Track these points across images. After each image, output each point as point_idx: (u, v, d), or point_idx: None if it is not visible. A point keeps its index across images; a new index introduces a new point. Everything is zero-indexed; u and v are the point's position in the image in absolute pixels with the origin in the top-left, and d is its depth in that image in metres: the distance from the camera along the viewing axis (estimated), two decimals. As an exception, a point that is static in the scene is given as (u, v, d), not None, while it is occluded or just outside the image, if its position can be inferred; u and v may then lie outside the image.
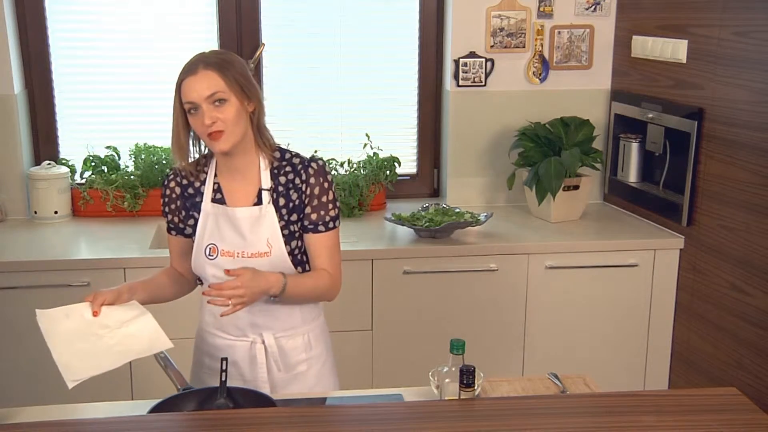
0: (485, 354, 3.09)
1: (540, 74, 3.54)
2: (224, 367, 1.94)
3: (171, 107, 3.73)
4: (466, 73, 3.49)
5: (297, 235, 2.09)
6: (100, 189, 3.37)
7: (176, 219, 2.16)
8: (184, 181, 2.13)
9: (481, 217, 3.19)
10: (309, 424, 1.76)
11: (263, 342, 2.12)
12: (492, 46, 3.49)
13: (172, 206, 2.15)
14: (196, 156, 2.13)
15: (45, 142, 3.49)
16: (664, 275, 3.20)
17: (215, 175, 2.11)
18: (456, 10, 3.45)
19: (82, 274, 2.92)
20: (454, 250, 3.07)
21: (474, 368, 1.82)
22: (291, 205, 2.07)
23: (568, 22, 3.51)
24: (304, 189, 2.06)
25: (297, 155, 2.10)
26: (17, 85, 3.32)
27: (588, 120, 3.43)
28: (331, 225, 2.09)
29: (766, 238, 2.74)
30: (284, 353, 2.14)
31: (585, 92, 3.58)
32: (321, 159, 2.10)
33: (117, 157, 3.48)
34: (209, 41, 3.50)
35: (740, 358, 2.89)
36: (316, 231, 2.08)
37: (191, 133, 2.07)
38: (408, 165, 3.72)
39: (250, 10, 3.49)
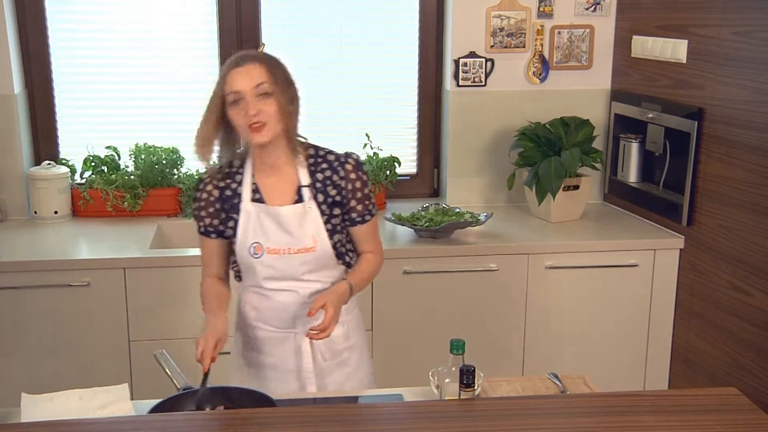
0: (485, 354, 3.09)
1: (540, 74, 3.54)
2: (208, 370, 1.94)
3: (171, 107, 3.75)
4: (466, 73, 3.49)
5: (339, 228, 2.15)
6: (100, 189, 3.37)
7: (216, 222, 2.15)
8: (221, 184, 2.14)
9: (481, 217, 3.19)
10: (309, 424, 1.76)
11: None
12: (492, 46, 3.49)
13: (210, 210, 2.14)
14: (216, 156, 2.13)
15: (45, 142, 3.49)
16: (664, 275, 3.20)
17: (252, 176, 2.13)
18: (456, 10, 3.45)
19: (82, 274, 2.92)
20: (454, 250, 3.07)
21: (474, 368, 1.82)
22: (330, 200, 2.12)
23: (568, 22, 3.51)
24: (344, 185, 2.12)
25: (330, 152, 2.16)
26: (17, 85, 3.32)
27: (588, 120, 3.43)
28: (373, 212, 2.19)
29: (766, 238, 2.74)
30: (328, 342, 2.17)
31: (585, 92, 3.58)
32: (355, 153, 2.17)
33: (117, 157, 3.48)
34: (209, 41, 3.50)
35: (740, 358, 2.89)
36: (363, 222, 2.17)
37: (221, 131, 2.07)
38: (408, 165, 3.72)
39: (250, 10, 3.49)
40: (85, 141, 3.47)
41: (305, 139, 2.16)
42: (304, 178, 2.11)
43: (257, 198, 2.12)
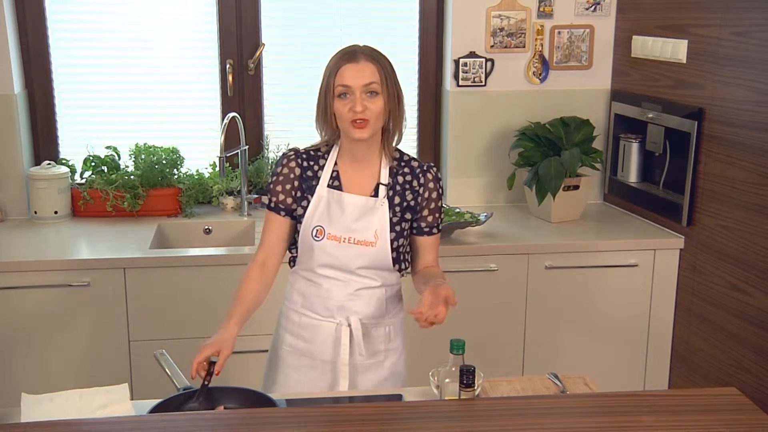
0: (485, 354, 3.09)
1: (540, 74, 3.54)
2: (210, 371, 1.93)
3: (171, 107, 3.75)
4: (466, 73, 3.49)
5: (405, 234, 2.17)
6: (100, 189, 3.37)
7: (289, 199, 2.17)
8: (305, 164, 2.17)
9: (481, 217, 3.19)
10: (309, 424, 1.76)
11: (349, 325, 2.17)
12: (492, 46, 3.49)
13: (288, 186, 2.16)
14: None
15: (45, 142, 3.49)
16: (664, 275, 3.20)
17: (335, 163, 2.16)
18: (456, 10, 3.45)
19: (82, 274, 2.92)
20: (454, 250, 3.07)
21: (474, 368, 1.82)
22: (405, 204, 2.16)
23: (568, 22, 3.51)
24: (421, 192, 2.17)
25: (413, 158, 2.22)
26: (17, 85, 3.32)
27: (588, 120, 3.43)
28: (440, 227, 2.23)
29: (766, 238, 2.74)
30: (368, 339, 2.19)
31: (585, 92, 3.58)
32: (435, 166, 2.23)
33: (117, 157, 3.48)
34: (209, 41, 3.50)
35: (740, 358, 2.89)
36: (430, 233, 2.20)
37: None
38: (408, 165, 3.72)
39: (250, 10, 3.49)
40: (85, 141, 3.48)
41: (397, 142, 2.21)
42: (385, 177, 2.15)
43: (335, 185, 2.15)
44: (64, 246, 3.12)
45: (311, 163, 2.17)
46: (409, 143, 3.72)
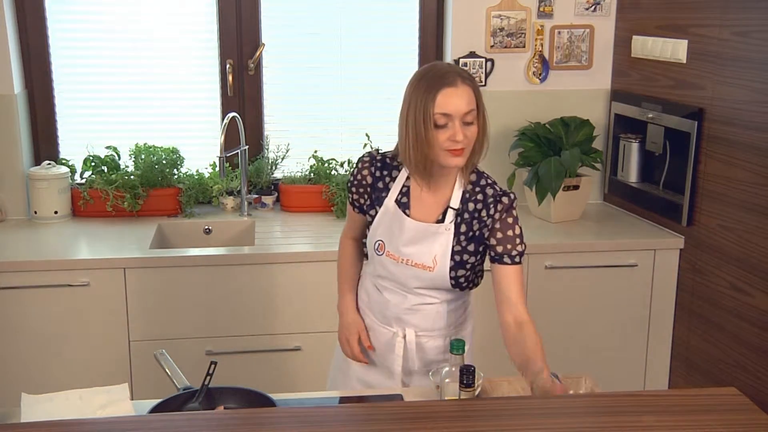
0: (485, 354, 3.08)
1: (540, 74, 3.54)
2: (210, 372, 1.93)
3: (171, 107, 3.74)
4: (466, 73, 3.49)
5: (467, 265, 2.09)
6: (100, 189, 3.37)
7: (362, 200, 2.15)
8: (378, 173, 2.11)
9: (481, 217, 3.18)
10: (309, 424, 1.76)
11: (404, 337, 2.15)
12: (492, 46, 3.49)
13: (361, 190, 2.15)
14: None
15: (45, 142, 3.49)
16: (664, 275, 3.20)
17: (407, 178, 2.09)
18: (456, 10, 3.45)
19: (82, 274, 2.92)
20: (454, 250, 3.07)
21: (474, 368, 1.82)
22: (471, 234, 2.07)
23: (568, 22, 3.51)
24: (487, 222, 2.05)
25: (492, 184, 2.09)
26: (17, 85, 3.32)
27: (588, 120, 3.43)
28: (517, 259, 2.07)
29: (766, 238, 2.74)
30: (422, 350, 2.17)
31: (585, 92, 3.58)
32: (512, 193, 2.08)
33: (117, 157, 3.48)
34: (209, 41, 3.51)
35: (740, 358, 2.89)
36: (501, 262, 2.06)
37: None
38: (408, 165, 3.72)
39: (250, 10, 3.49)
40: (85, 141, 3.48)
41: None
42: (455, 201, 2.06)
43: (403, 202, 2.09)
44: (64, 246, 3.12)
45: (384, 172, 2.10)
46: (409, 143, 3.71)
